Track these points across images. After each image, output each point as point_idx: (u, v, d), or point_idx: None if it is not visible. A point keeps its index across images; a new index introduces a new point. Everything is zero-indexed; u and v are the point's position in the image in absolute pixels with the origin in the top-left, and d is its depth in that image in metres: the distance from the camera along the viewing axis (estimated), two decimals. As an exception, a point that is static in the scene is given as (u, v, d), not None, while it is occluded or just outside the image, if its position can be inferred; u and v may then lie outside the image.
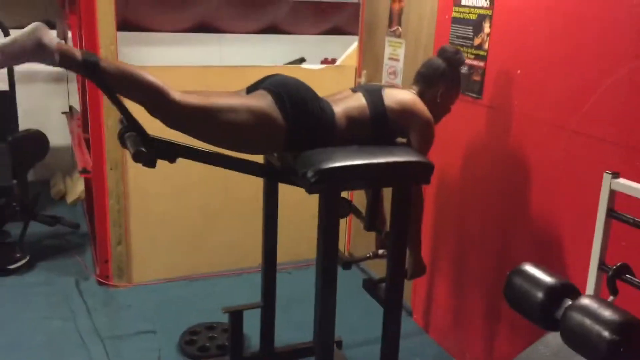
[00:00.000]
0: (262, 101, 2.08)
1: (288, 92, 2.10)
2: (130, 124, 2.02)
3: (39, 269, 3.65)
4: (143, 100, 1.97)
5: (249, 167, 2.22)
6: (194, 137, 2.08)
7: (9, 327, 3.03)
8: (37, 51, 1.78)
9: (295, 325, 3.09)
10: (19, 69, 4.37)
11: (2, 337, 2.95)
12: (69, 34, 4.64)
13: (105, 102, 3.22)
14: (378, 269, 3.26)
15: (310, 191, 2.06)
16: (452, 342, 3.00)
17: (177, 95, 1.98)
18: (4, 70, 4.27)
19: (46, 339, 2.95)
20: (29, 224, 3.79)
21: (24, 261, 3.62)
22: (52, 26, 4.58)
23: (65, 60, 1.82)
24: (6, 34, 4.16)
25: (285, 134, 2.07)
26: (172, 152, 2.07)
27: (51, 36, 1.82)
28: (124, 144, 2.04)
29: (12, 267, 3.56)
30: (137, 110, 2.01)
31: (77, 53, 1.86)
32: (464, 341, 2.90)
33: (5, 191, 3.67)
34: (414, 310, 3.28)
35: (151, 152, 1.98)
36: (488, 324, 2.74)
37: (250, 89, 2.24)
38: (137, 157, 1.94)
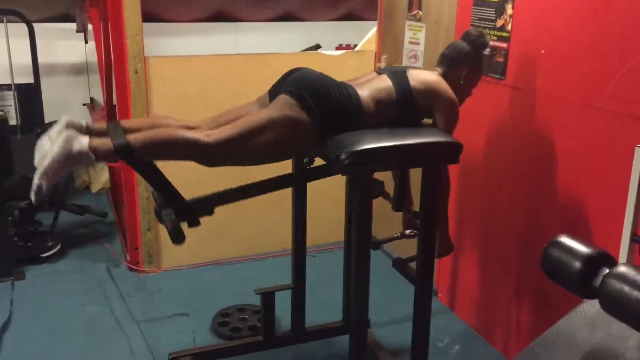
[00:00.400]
0: (285, 108, 2.11)
1: (309, 89, 2.13)
2: (168, 199, 2.12)
3: (70, 257, 3.74)
4: (179, 157, 2.08)
5: (283, 183, 2.35)
6: (235, 165, 2.17)
7: (49, 314, 3.13)
8: (74, 160, 1.92)
9: (322, 306, 3.17)
10: (40, 61, 4.46)
11: (43, 323, 3.05)
12: (90, 27, 4.70)
13: (133, 93, 3.29)
14: (398, 250, 3.33)
15: (344, 173, 2.13)
16: (477, 319, 3.06)
17: (207, 137, 2.04)
18: (29, 63, 4.36)
19: (85, 324, 3.05)
20: (59, 214, 3.88)
21: (56, 249, 3.71)
22: (72, 19, 4.65)
23: (100, 156, 1.95)
24: (29, 27, 4.24)
25: (315, 130, 2.12)
26: (210, 206, 2.19)
27: (80, 140, 1.93)
28: (162, 221, 2.15)
29: (44, 255, 3.66)
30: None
31: (108, 142, 1.95)
32: (490, 319, 2.97)
33: (35, 182, 3.75)
34: (439, 289, 3.35)
35: (192, 216, 2.13)
36: (514, 301, 2.80)
37: (272, 91, 2.27)
38: (175, 239, 2.07)
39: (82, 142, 1.92)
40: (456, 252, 3.05)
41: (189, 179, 3.58)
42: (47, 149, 1.92)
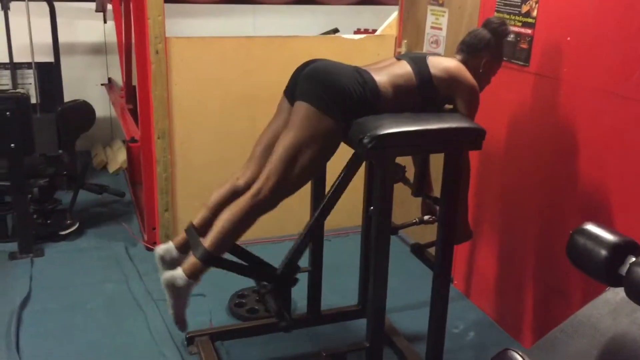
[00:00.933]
0: (309, 123, 2.12)
1: (324, 88, 2.12)
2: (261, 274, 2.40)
3: (88, 235, 3.78)
4: (249, 227, 2.26)
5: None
6: (292, 194, 2.27)
7: (67, 290, 3.17)
8: (184, 294, 2.26)
9: (336, 290, 3.18)
10: (60, 40, 4.48)
11: (63, 299, 3.09)
12: (109, 7, 4.71)
13: (153, 73, 3.29)
14: (414, 236, 3.33)
15: (366, 157, 2.13)
16: (493, 307, 3.07)
17: (258, 195, 2.17)
18: (49, 42, 4.38)
19: (103, 301, 3.09)
20: (78, 193, 3.92)
21: (74, 227, 3.75)
22: (91, -1, 4.66)
23: (198, 276, 2.25)
24: (50, 5, 4.25)
25: (340, 124, 2.14)
26: (296, 268, 2.38)
27: (179, 278, 2.22)
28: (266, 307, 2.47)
29: (63, 233, 3.70)
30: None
31: (194, 262, 2.21)
32: (506, 306, 2.97)
33: (55, 161, 3.79)
34: (455, 276, 3.35)
35: (287, 282, 2.37)
36: (530, 289, 2.80)
37: (288, 92, 2.30)
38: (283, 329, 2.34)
39: (181, 279, 2.21)
40: (474, 239, 3.04)
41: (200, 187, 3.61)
42: (169, 306, 2.32)
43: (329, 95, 2.11)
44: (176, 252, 2.40)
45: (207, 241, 2.21)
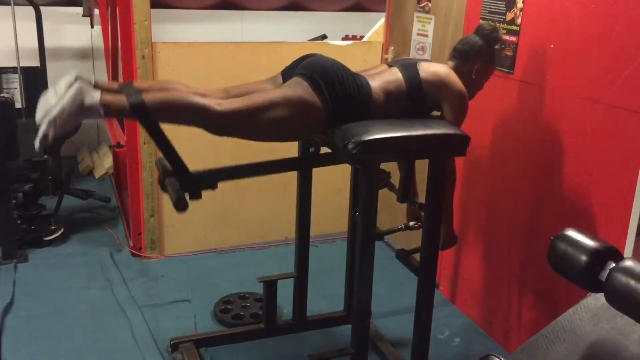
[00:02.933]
0: (299, 89, 2.11)
1: (323, 74, 2.13)
2: (173, 166, 2.11)
3: (73, 241, 3.76)
4: (189, 122, 2.06)
5: (289, 165, 2.37)
6: (241, 138, 2.14)
7: (51, 296, 3.14)
8: (84, 113, 1.87)
9: (323, 296, 3.19)
10: (46, 45, 4.46)
11: (47, 305, 3.06)
12: (96, 11, 4.70)
13: (139, 78, 3.28)
14: (400, 241, 3.33)
15: (351, 162, 2.13)
16: (478, 312, 3.08)
17: (219, 105, 2.02)
18: (35, 47, 4.35)
19: (87, 307, 3.06)
20: (63, 198, 3.89)
21: (59, 233, 3.72)
22: (78, 3, 4.64)
23: (112, 112, 1.92)
24: (37, 10, 4.23)
25: (325, 115, 2.12)
26: (214, 180, 2.17)
27: (92, 93, 1.88)
28: (164, 190, 2.14)
29: (47, 238, 3.67)
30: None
31: (122, 99, 1.92)
32: (491, 312, 2.98)
33: (40, 166, 3.76)
34: (440, 281, 3.35)
35: (194, 187, 2.11)
36: (515, 295, 2.81)
37: (285, 72, 2.27)
38: (178, 207, 2.06)
39: (94, 95, 1.88)
40: (459, 244, 3.05)
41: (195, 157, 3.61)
42: (53, 102, 1.86)
43: (324, 80, 2.11)
44: (95, 86, 1.97)
45: (146, 96, 1.96)
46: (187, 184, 2.11)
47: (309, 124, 2.15)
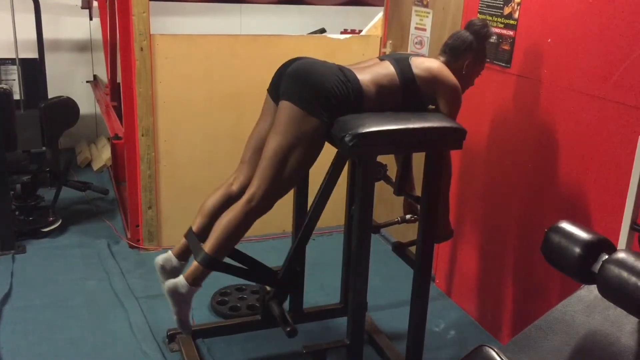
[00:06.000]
0: (294, 124, 2.14)
1: (308, 88, 2.14)
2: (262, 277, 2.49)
3: (71, 233, 3.76)
4: (245, 232, 2.30)
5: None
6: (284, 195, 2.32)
7: (49, 287, 3.15)
8: (189, 299, 2.31)
9: (319, 288, 3.20)
10: (45, 36, 4.45)
11: (44, 296, 3.07)
12: (95, 3, 4.69)
13: (138, 70, 3.29)
14: (397, 235, 3.34)
15: (348, 154, 2.14)
16: (474, 305, 3.09)
17: (250, 203, 2.22)
18: (34, 38, 4.35)
19: (85, 298, 3.07)
20: (61, 189, 3.90)
21: (57, 224, 3.73)
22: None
23: (198, 281, 2.29)
24: (35, 1, 4.22)
25: (325, 123, 2.15)
26: (295, 274, 2.51)
27: (182, 286, 2.27)
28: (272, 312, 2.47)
29: (45, 230, 3.68)
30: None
31: (196, 267, 2.26)
32: (486, 305, 3.00)
33: (38, 157, 3.77)
34: (436, 275, 3.37)
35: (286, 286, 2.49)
36: (510, 288, 2.82)
37: (271, 90, 2.32)
38: (289, 334, 2.37)
39: (183, 286, 2.27)
40: (455, 238, 3.07)
41: (193, 182, 3.60)
42: (173, 313, 2.35)
43: (313, 96, 2.12)
44: (176, 261, 2.44)
45: (207, 246, 2.25)
46: (282, 289, 2.49)
47: (318, 144, 2.22)
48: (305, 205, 2.73)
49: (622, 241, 1.71)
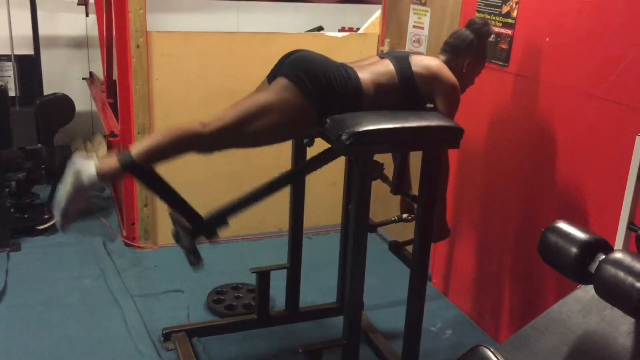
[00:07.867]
0: (283, 91, 2.10)
1: (306, 70, 2.11)
2: (184, 215, 2.28)
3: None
4: (180, 153, 2.11)
5: (286, 181, 2.44)
6: (234, 148, 2.20)
7: (44, 285, 3.14)
8: (87, 192, 2.05)
9: (316, 288, 3.19)
10: (41, 33, 4.43)
11: (38, 294, 3.06)
12: (91, 0, 4.67)
13: (134, 67, 3.27)
14: (394, 234, 3.34)
15: (344, 153, 2.13)
16: (471, 305, 3.09)
17: (203, 127, 2.06)
18: (29, 35, 4.33)
19: (80, 297, 3.06)
20: (56, 187, 3.87)
21: (52, 222, 3.70)
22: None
23: (107, 179, 2.06)
24: (32, 1, 4.20)
25: (314, 110, 2.12)
26: (223, 219, 2.34)
27: (88, 169, 2.02)
28: (180, 243, 2.31)
29: (40, 227, 3.66)
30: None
31: (113, 163, 2.03)
32: (483, 305, 2.99)
33: (33, 154, 3.75)
34: (433, 274, 3.37)
35: (209, 230, 2.31)
36: (507, 288, 2.82)
37: (270, 76, 2.26)
38: (194, 265, 2.28)
39: (91, 172, 2.02)
40: (452, 237, 3.07)
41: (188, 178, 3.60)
42: (62, 193, 2.07)
43: (308, 77, 2.09)
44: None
45: (134, 148, 2.07)
46: (201, 230, 2.28)
47: (297, 124, 2.16)
48: (302, 202, 2.72)
49: (619, 241, 1.70)
